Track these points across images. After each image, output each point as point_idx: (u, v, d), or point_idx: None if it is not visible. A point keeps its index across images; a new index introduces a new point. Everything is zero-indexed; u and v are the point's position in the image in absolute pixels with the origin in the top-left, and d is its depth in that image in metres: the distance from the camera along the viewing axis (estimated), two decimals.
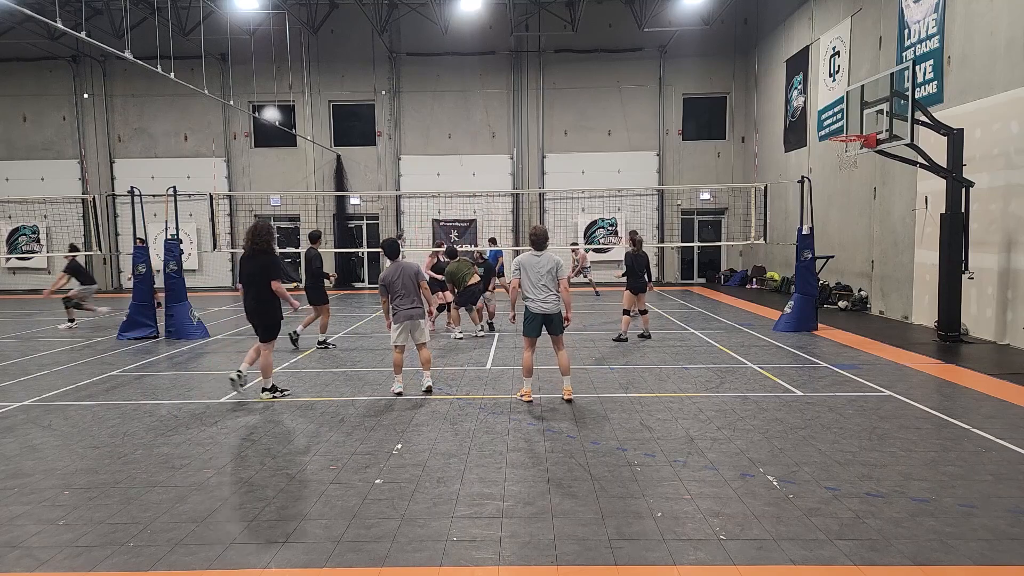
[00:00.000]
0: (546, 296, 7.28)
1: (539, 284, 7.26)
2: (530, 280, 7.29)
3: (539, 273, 7.28)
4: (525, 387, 7.47)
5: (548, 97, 24.00)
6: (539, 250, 7.39)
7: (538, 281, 7.27)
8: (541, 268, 7.29)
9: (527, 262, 7.35)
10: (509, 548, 4.04)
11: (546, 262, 7.32)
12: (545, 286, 7.26)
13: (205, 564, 3.90)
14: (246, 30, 22.39)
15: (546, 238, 7.48)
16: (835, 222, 16.74)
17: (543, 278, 7.26)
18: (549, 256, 7.36)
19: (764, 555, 3.91)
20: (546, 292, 7.27)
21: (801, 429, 6.31)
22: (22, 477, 5.35)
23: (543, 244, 7.41)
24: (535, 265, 7.31)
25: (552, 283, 7.28)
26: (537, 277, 7.27)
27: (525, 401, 7.41)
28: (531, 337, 7.42)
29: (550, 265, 7.31)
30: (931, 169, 10.72)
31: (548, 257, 7.35)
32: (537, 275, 7.27)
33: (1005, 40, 10.58)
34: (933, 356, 9.76)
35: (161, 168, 23.88)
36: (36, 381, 8.95)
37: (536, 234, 7.47)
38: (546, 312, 7.33)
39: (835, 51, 16.60)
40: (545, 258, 7.34)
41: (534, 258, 7.34)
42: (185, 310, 12.49)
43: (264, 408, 7.37)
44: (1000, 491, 4.78)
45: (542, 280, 7.26)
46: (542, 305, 7.30)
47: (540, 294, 7.28)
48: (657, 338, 11.73)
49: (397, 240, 7.91)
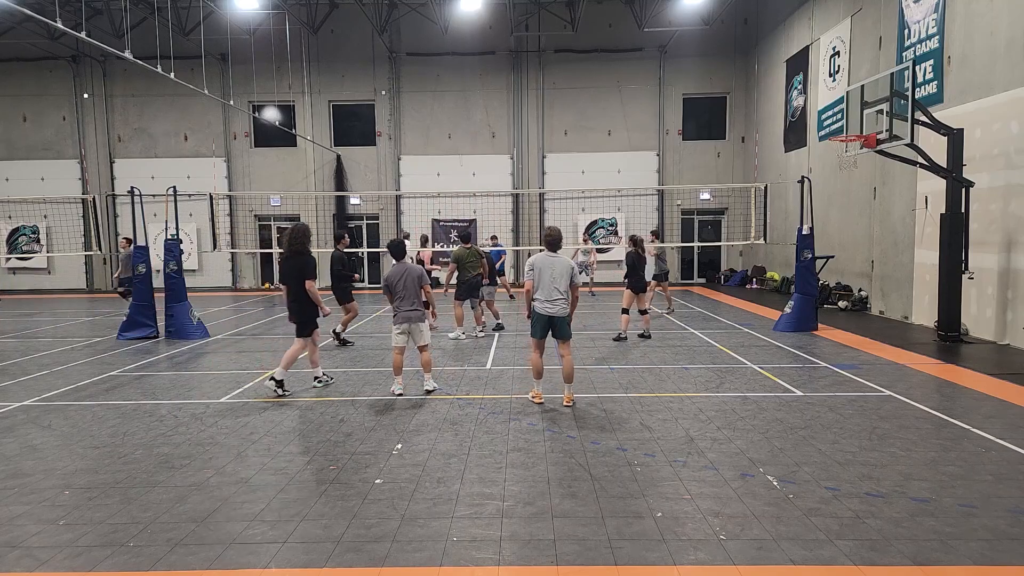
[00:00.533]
0: (555, 299, 7.18)
1: (551, 286, 7.16)
2: (542, 281, 7.21)
3: (552, 275, 7.18)
4: (536, 388, 7.44)
5: (548, 97, 24.00)
6: (553, 251, 7.31)
7: (550, 283, 7.17)
8: (555, 270, 7.19)
9: (542, 263, 7.26)
10: (509, 548, 4.04)
11: (561, 265, 7.23)
12: (556, 288, 7.16)
13: (205, 564, 3.90)
14: (246, 30, 22.39)
15: (561, 239, 7.39)
16: (835, 222, 16.74)
17: (556, 280, 7.16)
18: (564, 259, 7.28)
19: (764, 555, 3.91)
20: (556, 294, 7.17)
21: (801, 429, 6.31)
22: (22, 477, 5.35)
23: (558, 245, 7.33)
24: (549, 267, 7.22)
25: (564, 286, 7.18)
26: (550, 279, 7.17)
27: (536, 403, 7.37)
28: (537, 339, 7.33)
29: (564, 268, 7.22)
30: (931, 169, 10.72)
31: (563, 260, 7.27)
32: (550, 277, 7.17)
33: (1005, 40, 10.58)
34: (933, 356, 9.76)
35: (161, 168, 23.88)
36: (36, 381, 8.95)
37: (551, 235, 7.38)
38: (551, 314, 7.21)
39: (835, 51, 16.60)
40: (560, 261, 7.26)
41: (549, 259, 7.26)
42: (185, 310, 12.49)
43: (264, 408, 7.37)
44: (1000, 491, 4.78)
45: (555, 283, 7.16)
46: (549, 307, 7.19)
47: (549, 296, 7.18)
48: (657, 338, 11.73)
49: (403, 241, 7.90)
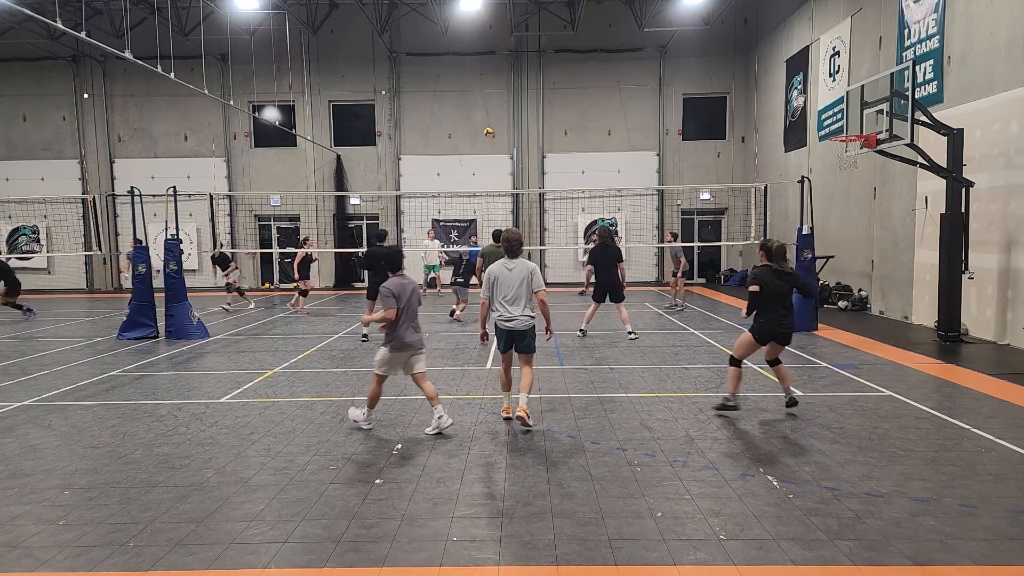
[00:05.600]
0: (514, 311, 6.37)
1: (509, 298, 6.36)
2: (499, 292, 6.41)
3: (510, 285, 6.37)
4: (506, 402, 6.76)
5: (548, 97, 23.99)
6: (513, 258, 6.50)
7: (508, 293, 6.36)
8: (513, 279, 6.38)
9: (498, 272, 6.45)
10: (509, 548, 4.04)
11: (519, 271, 6.40)
12: (516, 299, 6.36)
13: (205, 564, 3.91)
14: (246, 30, 22.38)
15: (521, 244, 6.59)
16: (835, 222, 16.74)
17: (515, 290, 6.36)
18: (523, 264, 6.45)
19: (764, 555, 3.91)
20: (516, 307, 6.36)
21: (801, 429, 6.31)
22: (22, 477, 5.35)
23: (518, 251, 6.53)
24: (506, 276, 6.41)
25: (525, 295, 6.38)
26: (508, 289, 6.37)
27: (504, 418, 6.68)
28: (503, 352, 6.63)
29: (524, 274, 6.39)
30: (931, 169, 10.72)
31: (522, 266, 6.43)
32: (508, 287, 6.38)
33: (1005, 40, 10.58)
34: (933, 356, 9.75)
35: (161, 168, 23.87)
36: (36, 381, 8.95)
37: (510, 240, 6.52)
38: (511, 328, 6.42)
39: (835, 51, 16.60)
40: (519, 267, 6.43)
41: (506, 268, 6.45)
42: (185, 310, 12.48)
43: (264, 408, 7.37)
44: (1000, 491, 4.78)
45: (512, 292, 6.36)
46: (508, 322, 6.40)
47: (508, 309, 6.38)
48: (657, 338, 11.73)
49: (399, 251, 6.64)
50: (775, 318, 6.62)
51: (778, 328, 6.65)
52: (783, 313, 6.63)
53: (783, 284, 6.64)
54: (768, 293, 6.59)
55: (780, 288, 6.60)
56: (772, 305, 6.62)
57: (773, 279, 6.62)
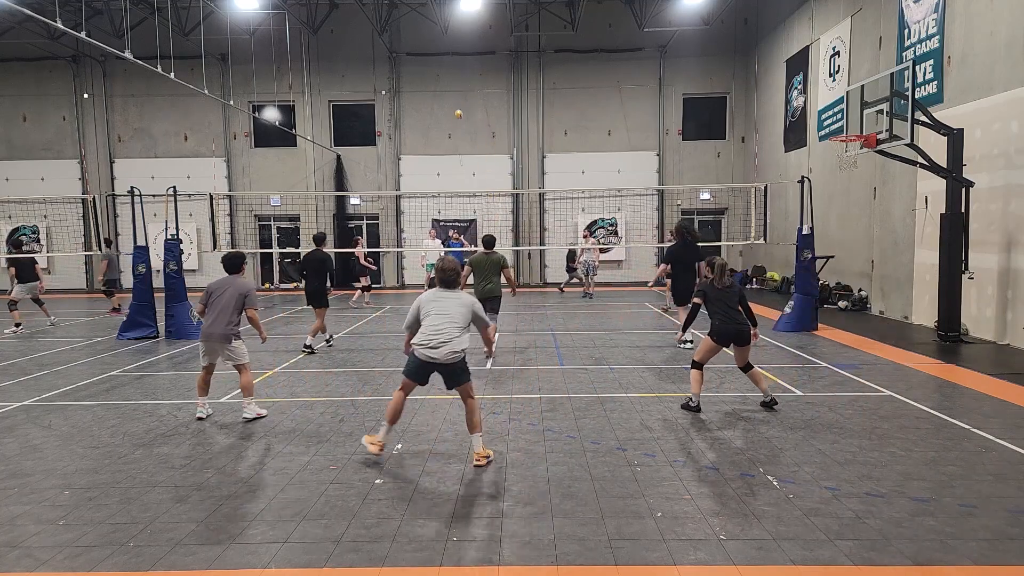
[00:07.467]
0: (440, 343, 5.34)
1: (439, 329, 5.36)
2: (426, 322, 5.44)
3: (445, 316, 5.41)
4: (380, 435, 5.62)
5: (548, 97, 23.98)
6: (450, 289, 5.62)
7: (439, 326, 5.37)
8: (449, 310, 5.43)
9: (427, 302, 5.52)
10: (509, 548, 4.04)
11: (457, 306, 5.48)
12: (447, 330, 5.37)
13: (205, 564, 3.91)
14: (246, 30, 22.38)
15: (458, 279, 5.69)
16: (835, 222, 16.74)
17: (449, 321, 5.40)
18: (462, 299, 5.56)
19: (764, 555, 3.91)
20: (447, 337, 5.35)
21: (801, 429, 6.31)
22: (22, 477, 5.35)
23: (455, 284, 5.64)
24: (439, 307, 5.46)
25: (462, 327, 5.45)
26: (440, 321, 5.39)
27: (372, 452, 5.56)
28: (410, 379, 5.56)
29: (463, 310, 5.48)
30: (931, 169, 10.72)
31: (461, 301, 5.53)
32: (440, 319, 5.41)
33: (1005, 40, 10.58)
34: (933, 356, 9.75)
35: (161, 168, 23.86)
36: (36, 381, 8.95)
37: (448, 273, 5.58)
38: (434, 360, 5.37)
39: (835, 51, 16.60)
40: (456, 302, 5.51)
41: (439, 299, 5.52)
42: (185, 310, 12.48)
43: (264, 408, 7.36)
44: (1000, 491, 4.78)
45: (446, 324, 5.38)
46: (430, 352, 5.35)
47: (434, 339, 5.34)
48: (657, 338, 11.73)
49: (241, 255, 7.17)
50: (724, 320, 6.97)
51: (731, 325, 6.96)
52: (733, 314, 6.98)
53: (724, 292, 7.04)
54: (712, 299, 7.06)
55: (722, 295, 7.03)
56: (719, 307, 7.01)
57: (714, 290, 7.09)
